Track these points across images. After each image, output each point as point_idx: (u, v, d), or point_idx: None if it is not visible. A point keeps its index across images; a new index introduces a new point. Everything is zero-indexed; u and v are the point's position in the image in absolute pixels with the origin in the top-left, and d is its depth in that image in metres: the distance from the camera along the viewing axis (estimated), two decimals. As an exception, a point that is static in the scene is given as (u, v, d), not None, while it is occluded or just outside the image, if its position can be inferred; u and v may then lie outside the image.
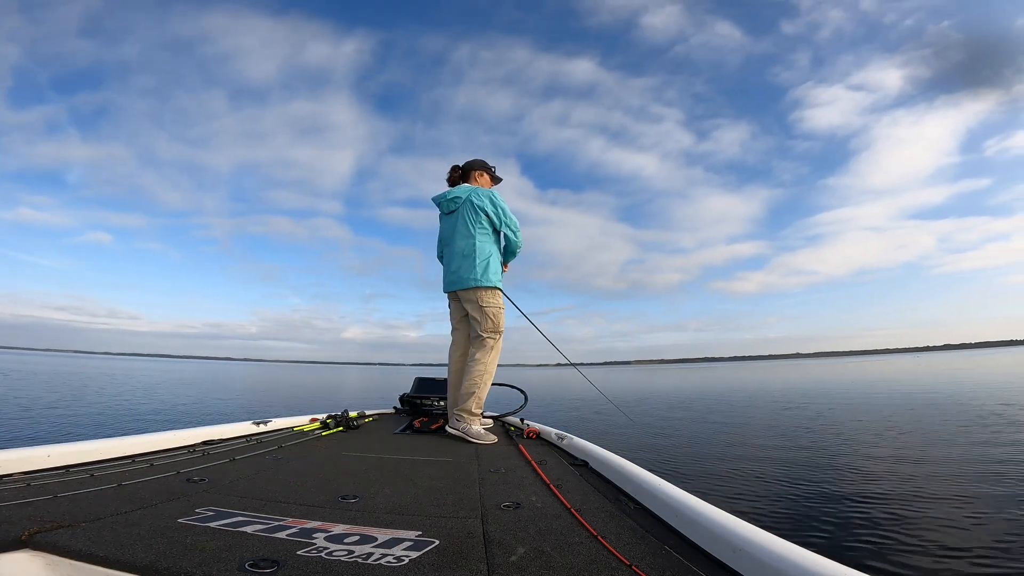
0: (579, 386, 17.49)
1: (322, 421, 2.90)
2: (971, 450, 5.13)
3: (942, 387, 13.95)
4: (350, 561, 0.91)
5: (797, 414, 9.11)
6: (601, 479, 1.70)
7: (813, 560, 0.76)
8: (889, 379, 19.54)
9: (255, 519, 1.15)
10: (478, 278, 2.78)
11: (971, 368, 25.76)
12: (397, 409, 3.71)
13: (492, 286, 2.82)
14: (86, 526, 1.04)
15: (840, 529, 2.97)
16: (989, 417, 7.32)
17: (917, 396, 11.56)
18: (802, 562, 0.76)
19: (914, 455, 5.02)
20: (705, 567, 0.93)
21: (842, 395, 12.94)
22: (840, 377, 23.36)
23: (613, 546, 1.02)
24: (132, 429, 7.37)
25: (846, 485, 3.95)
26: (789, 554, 0.80)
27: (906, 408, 9.24)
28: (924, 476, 4.17)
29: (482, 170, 3.10)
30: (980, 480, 3.95)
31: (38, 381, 16.87)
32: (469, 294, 2.83)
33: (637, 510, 1.31)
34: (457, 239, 2.87)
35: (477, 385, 2.73)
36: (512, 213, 2.93)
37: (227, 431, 2.41)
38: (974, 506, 3.33)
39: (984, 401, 9.58)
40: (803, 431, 6.99)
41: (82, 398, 11.45)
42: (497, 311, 2.81)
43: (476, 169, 3.08)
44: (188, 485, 1.47)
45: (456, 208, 2.92)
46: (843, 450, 5.44)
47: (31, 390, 13.02)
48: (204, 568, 0.86)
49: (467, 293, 2.84)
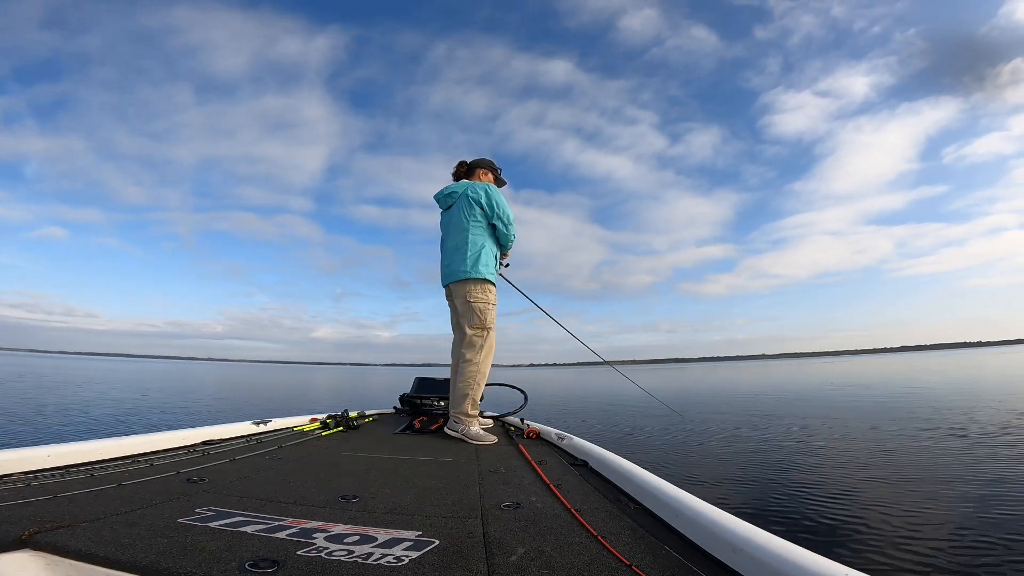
0: (553, 386, 17.10)
1: (322, 421, 2.90)
2: (950, 448, 5.25)
3: (914, 387, 14.20)
4: (350, 561, 0.91)
5: (780, 413, 9.28)
6: (601, 479, 1.70)
7: (813, 560, 0.76)
8: (855, 380, 19.83)
9: (255, 519, 1.15)
10: (467, 270, 2.77)
11: (929, 369, 26.48)
12: (397, 409, 3.71)
13: (481, 278, 2.78)
14: (86, 526, 1.04)
15: (839, 527, 2.98)
16: (971, 416, 7.45)
17: (893, 396, 11.74)
18: (802, 562, 0.76)
19: (892, 455, 5.10)
20: (705, 567, 0.93)
21: (813, 395, 13.16)
22: (808, 378, 23.85)
23: (613, 546, 1.02)
24: (131, 429, 7.37)
25: (830, 483, 3.99)
26: (789, 554, 0.80)
27: (880, 408, 9.37)
28: (911, 474, 4.23)
29: (488, 169, 3.09)
30: (969, 478, 3.99)
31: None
32: (459, 287, 2.82)
33: (637, 510, 1.31)
34: (452, 233, 2.88)
35: (470, 386, 2.72)
36: (508, 208, 2.91)
37: (227, 431, 2.41)
38: (958, 501, 3.39)
39: (967, 401, 9.72)
40: (782, 430, 7.11)
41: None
42: (485, 306, 2.79)
43: (482, 167, 3.08)
44: (188, 485, 1.47)
45: (453, 203, 2.92)
46: (813, 449, 5.57)
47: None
48: (204, 568, 0.86)
49: (457, 286, 2.83)
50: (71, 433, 6.68)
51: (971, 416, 7.44)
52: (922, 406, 9.21)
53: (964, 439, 5.75)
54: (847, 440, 6.09)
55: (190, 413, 10.11)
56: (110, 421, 8.18)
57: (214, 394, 16.52)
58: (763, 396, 13.63)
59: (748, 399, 13.00)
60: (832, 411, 9.23)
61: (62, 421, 7.86)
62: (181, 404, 12.02)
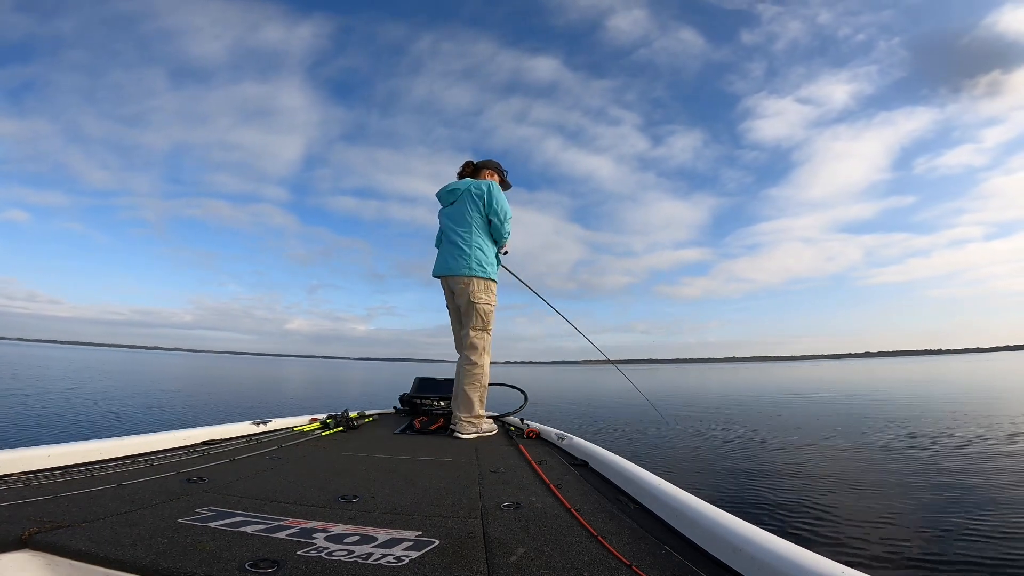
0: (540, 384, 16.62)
1: (322, 421, 2.90)
2: (942, 449, 5.41)
3: (893, 392, 14.56)
4: (350, 561, 0.91)
5: (754, 414, 9.52)
6: (601, 479, 1.70)
7: (813, 560, 0.76)
8: (826, 383, 20.39)
9: (255, 519, 1.15)
10: (472, 267, 2.75)
11: (898, 375, 27.15)
12: (397, 409, 3.71)
13: (487, 278, 2.78)
14: (86, 526, 1.04)
15: (840, 527, 2.99)
16: (959, 421, 7.62)
17: (871, 400, 12.01)
18: (802, 562, 0.76)
19: (880, 457, 5.21)
20: (705, 567, 0.93)
21: (785, 398, 13.46)
22: (775, 381, 24.57)
23: (613, 546, 1.02)
24: (131, 429, 7.34)
25: (827, 481, 4.03)
26: (789, 554, 0.80)
27: (863, 411, 9.56)
28: (904, 473, 4.33)
29: (494, 171, 3.08)
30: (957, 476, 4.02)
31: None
32: (460, 284, 2.79)
33: (637, 510, 1.31)
34: (454, 228, 2.86)
35: (477, 388, 2.73)
36: (507, 206, 2.89)
37: (227, 431, 2.41)
38: (958, 500, 3.43)
39: (953, 405, 9.99)
40: (761, 430, 7.31)
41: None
42: (489, 307, 2.79)
43: (488, 168, 3.07)
44: (188, 485, 1.47)
45: (456, 199, 2.92)
46: (798, 449, 5.70)
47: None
48: (204, 568, 0.86)
49: (457, 282, 2.80)
50: (71, 433, 6.67)
51: (958, 420, 7.64)
52: (908, 408, 9.41)
53: (955, 439, 5.92)
54: (833, 441, 6.22)
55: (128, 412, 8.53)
56: (110, 421, 8.12)
57: (169, 388, 14.79)
58: (737, 397, 13.84)
59: (722, 400, 13.26)
60: (812, 414, 9.39)
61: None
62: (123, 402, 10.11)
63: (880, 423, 7.61)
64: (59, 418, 7.67)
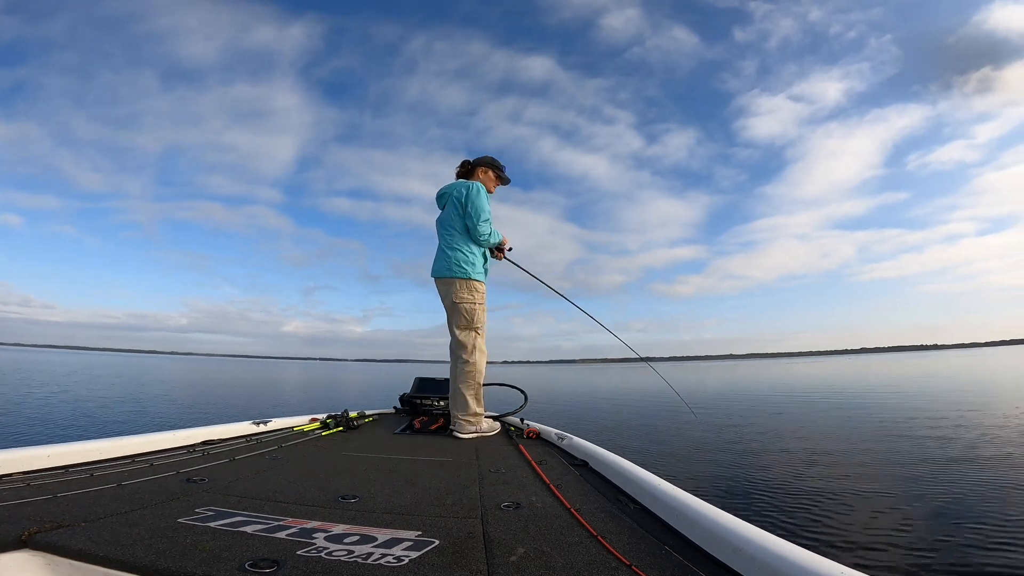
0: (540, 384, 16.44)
1: (322, 421, 2.90)
2: (941, 449, 5.35)
3: (886, 388, 14.45)
4: (350, 561, 0.91)
5: (756, 410, 9.51)
6: (601, 479, 1.70)
7: (813, 560, 0.76)
8: (826, 380, 20.24)
9: (255, 519, 1.15)
10: (452, 268, 2.80)
11: (899, 371, 26.94)
12: (397, 409, 3.71)
13: (468, 278, 2.80)
14: (86, 526, 1.04)
15: (839, 527, 2.99)
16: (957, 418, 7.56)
17: (868, 396, 11.99)
18: (802, 562, 0.76)
19: (878, 454, 5.20)
20: (705, 567, 0.93)
21: (784, 395, 13.42)
22: (776, 377, 24.46)
23: (613, 546, 1.02)
24: (130, 429, 7.33)
25: (826, 481, 4.01)
26: (789, 554, 0.80)
27: (864, 407, 9.58)
28: (905, 472, 4.29)
29: (488, 167, 3.06)
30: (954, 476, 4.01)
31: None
32: (443, 285, 2.87)
33: (637, 510, 1.31)
34: (443, 232, 2.92)
35: (471, 386, 2.76)
36: (486, 206, 2.81)
37: (227, 431, 2.41)
38: (957, 500, 3.40)
39: (956, 402, 9.79)
40: (763, 426, 7.33)
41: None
42: (472, 306, 2.81)
43: (482, 165, 3.06)
44: (188, 485, 1.47)
45: (445, 203, 2.97)
46: (800, 448, 5.62)
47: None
48: (204, 568, 0.86)
49: (442, 283, 2.88)
50: (70, 433, 6.67)
51: (960, 417, 7.57)
52: (908, 407, 9.34)
53: (956, 437, 5.85)
54: (833, 438, 6.19)
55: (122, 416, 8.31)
56: (109, 421, 8.11)
57: (162, 394, 14.12)
58: (737, 397, 13.81)
59: (720, 397, 13.26)
60: (812, 412, 9.37)
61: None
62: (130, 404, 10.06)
63: (880, 422, 7.59)
64: (59, 418, 7.67)
